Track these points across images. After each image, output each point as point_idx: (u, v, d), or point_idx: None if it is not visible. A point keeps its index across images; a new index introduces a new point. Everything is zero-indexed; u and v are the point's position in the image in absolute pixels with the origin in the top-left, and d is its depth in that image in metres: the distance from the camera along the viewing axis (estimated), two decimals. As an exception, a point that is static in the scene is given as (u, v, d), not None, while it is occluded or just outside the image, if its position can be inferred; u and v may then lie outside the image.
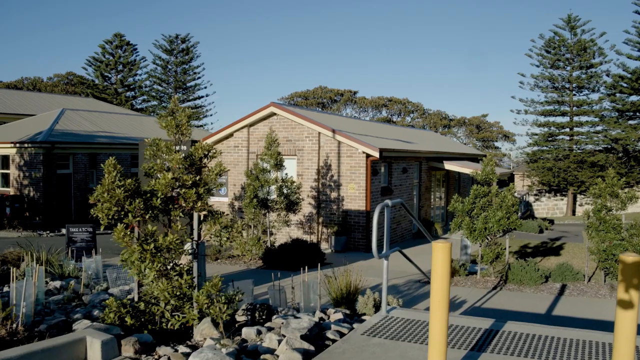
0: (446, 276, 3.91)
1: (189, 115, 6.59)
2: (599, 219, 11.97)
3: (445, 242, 3.94)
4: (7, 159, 25.80)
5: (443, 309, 3.93)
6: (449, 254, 3.92)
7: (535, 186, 37.72)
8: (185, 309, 6.14)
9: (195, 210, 6.22)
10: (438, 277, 3.89)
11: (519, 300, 10.94)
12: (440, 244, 3.89)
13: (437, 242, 3.90)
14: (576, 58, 35.30)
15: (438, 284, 3.91)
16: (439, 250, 3.88)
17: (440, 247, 3.89)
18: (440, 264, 3.90)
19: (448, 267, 3.91)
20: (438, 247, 3.87)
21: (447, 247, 3.89)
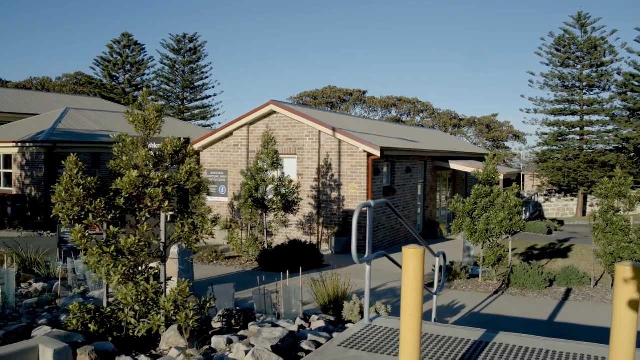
0: (418, 287, 3.46)
1: (159, 110, 6.17)
2: (606, 221, 11.43)
3: (418, 247, 3.49)
4: (9, 158, 25.60)
5: (414, 323, 3.48)
6: (421, 261, 3.47)
7: (545, 186, 37.04)
8: (151, 315, 5.73)
9: (162, 210, 5.80)
10: (409, 288, 3.45)
11: (520, 305, 10.44)
12: (412, 249, 3.44)
13: (409, 248, 3.45)
14: (586, 56, 34.58)
15: (409, 296, 3.46)
16: (410, 257, 3.43)
17: (411, 254, 3.44)
18: (412, 272, 3.45)
19: (420, 277, 3.46)
20: (409, 253, 3.43)
21: (418, 254, 3.44)
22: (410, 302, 3.46)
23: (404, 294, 3.51)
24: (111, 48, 53.98)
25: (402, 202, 20.10)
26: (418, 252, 3.45)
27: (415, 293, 3.45)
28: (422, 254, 3.47)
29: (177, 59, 53.47)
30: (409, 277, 3.44)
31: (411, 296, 3.45)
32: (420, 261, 3.46)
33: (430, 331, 5.63)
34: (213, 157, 19.94)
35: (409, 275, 3.44)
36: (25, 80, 63.22)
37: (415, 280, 3.45)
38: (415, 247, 3.47)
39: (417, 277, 3.45)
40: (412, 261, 3.44)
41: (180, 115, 52.92)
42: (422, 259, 3.47)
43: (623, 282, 3.18)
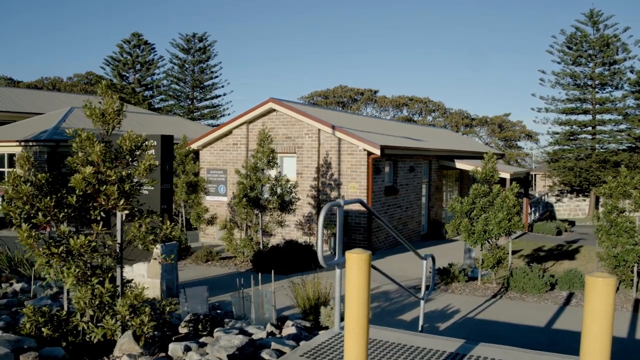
0: (363, 297, 3.06)
1: (122, 103, 5.82)
2: (610, 222, 10.91)
3: (364, 252, 3.08)
4: (13, 157, 25.50)
5: (359, 337, 3.07)
6: (367, 267, 3.06)
7: (557, 186, 36.33)
8: (105, 320, 5.37)
9: (117, 209, 5.43)
10: (352, 299, 3.04)
11: (518, 310, 9.96)
12: (356, 254, 3.04)
13: (352, 253, 3.05)
14: (599, 54, 33.82)
15: (352, 307, 3.05)
16: (354, 264, 3.03)
17: (354, 260, 3.03)
18: (355, 280, 3.04)
19: (365, 285, 3.06)
20: (352, 258, 3.02)
21: (363, 259, 3.04)
22: (353, 315, 3.06)
23: (347, 305, 3.11)
24: (121, 48, 53.93)
25: (405, 202, 19.64)
26: (362, 258, 3.04)
27: (359, 304, 3.04)
28: (367, 260, 3.06)
29: (187, 58, 53.33)
30: (352, 285, 3.04)
31: (354, 307, 3.05)
32: (365, 267, 3.05)
33: (404, 341, 5.21)
34: (213, 156, 19.61)
35: (352, 283, 3.03)
36: (37, 80, 63.49)
37: (359, 289, 3.04)
38: (360, 252, 3.07)
39: (362, 286, 3.05)
40: (355, 268, 3.04)
41: (190, 114, 52.78)
42: (367, 265, 3.07)
43: (593, 295, 2.76)
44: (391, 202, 18.54)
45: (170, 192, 10.18)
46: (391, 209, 18.54)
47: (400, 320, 9.07)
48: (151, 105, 53.95)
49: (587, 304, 2.87)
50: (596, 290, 2.79)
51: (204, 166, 19.76)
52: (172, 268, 10.13)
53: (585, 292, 2.86)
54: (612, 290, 2.79)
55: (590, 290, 2.80)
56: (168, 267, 10.05)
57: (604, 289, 2.78)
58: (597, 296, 2.78)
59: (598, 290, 2.79)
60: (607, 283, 2.78)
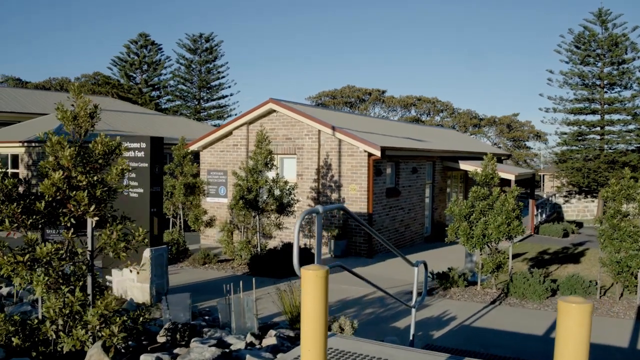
0: (320, 318, 2.81)
1: (96, 105, 5.61)
2: (613, 226, 10.58)
3: (321, 268, 2.84)
4: (16, 158, 25.45)
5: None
6: (324, 285, 2.82)
7: (565, 187, 35.85)
8: (75, 330, 5.16)
9: (88, 215, 5.22)
10: (308, 320, 2.80)
11: (517, 318, 9.68)
12: (311, 271, 2.79)
13: (308, 269, 2.81)
14: (607, 54, 33.32)
15: (308, 328, 2.81)
16: (309, 281, 2.79)
17: (310, 277, 2.79)
18: (311, 300, 2.80)
19: (322, 305, 2.82)
20: (307, 276, 2.78)
21: (320, 276, 2.79)
22: (308, 337, 2.82)
23: (302, 326, 2.87)
24: (128, 48, 53.92)
25: (407, 204, 19.36)
26: (319, 275, 2.80)
27: (315, 324, 2.80)
28: (324, 277, 2.82)
29: (194, 58, 53.24)
30: (307, 306, 2.80)
31: (310, 329, 2.81)
32: (322, 285, 2.81)
33: (385, 355, 4.96)
34: (213, 157, 19.42)
35: (307, 304, 2.79)
36: (45, 81, 63.64)
37: (315, 310, 2.80)
38: (316, 268, 2.82)
39: (318, 306, 2.81)
40: (310, 286, 2.80)
41: (197, 115, 52.69)
42: (324, 282, 2.82)
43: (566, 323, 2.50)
44: (393, 204, 18.27)
45: (160, 195, 9.98)
46: (393, 210, 18.27)
47: (394, 328, 8.82)
48: (158, 106, 53.92)
49: (559, 332, 2.61)
50: (570, 317, 2.53)
51: (205, 167, 19.58)
52: (162, 272, 9.94)
53: (557, 318, 2.60)
54: (587, 318, 2.53)
55: (563, 316, 2.54)
56: (158, 271, 9.86)
57: (579, 316, 2.52)
58: (570, 324, 2.52)
59: (572, 317, 2.53)
60: (582, 310, 2.52)
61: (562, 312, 2.52)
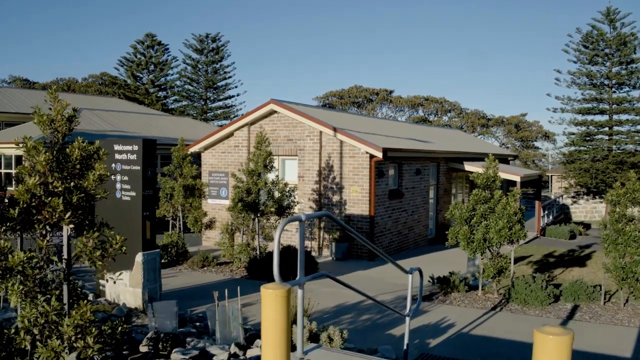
0: (282, 337, 2.60)
1: (75, 109, 5.43)
2: (617, 231, 10.29)
3: (282, 287, 2.63)
4: (20, 159, 25.42)
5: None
6: (285, 304, 2.61)
7: (573, 188, 35.40)
8: (50, 340, 4.98)
9: (63, 222, 5.04)
10: (269, 340, 2.59)
11: (517, 325, 9.42)
12: (271, 290, 2.59)
13: (268, 288, 2.60)
14: (616, 53, 32.85)
15: (269, 349, 2.60)
16: (270, 301, 2.58)
17: (270, 296, 2.58)
18: (271, 320, 2.59)
19: (283, 325, 2.61)
20: (268, 295, 2.57)
21: (280, 296, 2.59)
22: (269, 358, 2.60)
23: (263, 346, 2.66)
24: (135, 48, 53.90)
25: (411, 206, 19.10)
26: (279, 294, 2.59)
27: (276, 344, 2.59)
28: (284, 296, 2.61)
29: (200, 58, 53.16)
30: (268, 325, 2.59)
31: (270, 349, 2.59)
32: (283, 305, 2.60)
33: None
34: (214, 158, 19.25)
35: (268, 323, 2.59)
36: (52, 81, 63.75)
37: (275, 329, 2.59)
38: (276, 287, 2.62)
39: (279, 325, 2.60)
40: (270, 306, 2.59)
41: (203, 115, 52.61)
42: (285, 302, 2.61)
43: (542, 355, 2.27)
44: (396, 205, 18.02)
45: (153, 198, 9.80)
46: (396, 213, 18.02)
47: (390, 335, 8.60)
48: (165, 106, 53.87)
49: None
50: (546, 350, 2.30)
51: (206, 169, 19.42)
52: (154, 277, 9.76)
53: (533, 350, 2.37)
54: (566, 351, 2.30)
55: (539, 349, 2.31)
56: (151, 275, 9.68)
57: (556, 350, 2.29)
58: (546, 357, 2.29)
59: (548, 350, 2.30)
60: (560, 342, 2.30)
61: (538, 344, 2.30)
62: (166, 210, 16.23)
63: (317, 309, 9.72)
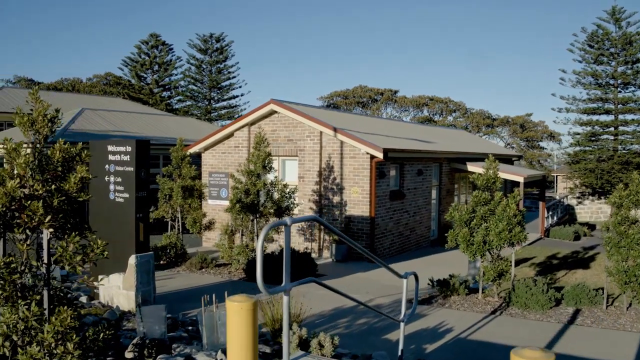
0: (249, 351, 2.44)
1: (57, 110, 5.29)
2: (620, 234, 10.08)
3: (247, 299, 2.47)
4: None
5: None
6: (252, 317, 2.45)
7: (578, 188, 35.09)
8: (30, 347, 4.84)
9: (43, 226, 4.89)
10: (234, 355, 2.43)
11: (516, 330, 9.23)
12: (236, 302, 2.44)
13: (233, 301, 2.44)
14: (621, 52, 32.52)
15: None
16: (235, 313, 2.42)
17: (235, 309, 2.43)
18: (237, 333, 2.43)
19: (250, 337, 2.45)
20: (233, 308, 2.42)
21: (246, 308, 2.43)
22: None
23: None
24: (139, 48, 53.87)
25: (412, 207, 18.92)
26: (244, 307, 2.44)
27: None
28: (251, 309, 2.46)
29: (204, 58, 53.08)
30: (234, 339, 2.43)
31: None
32: (249, 318, 2.45)
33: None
34: (214, 159, 19.12)
35: (233, 337, 2.42)
36: (56, 81, 63.82)
37: (241, 343, 2.43)
38: (243, 299, 2.46)
39: (245, 339, 2.44)
40: (235, 319, 2.43)
41: (207, 115, 52.54)
42: (251, 314, 2.46)
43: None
44: (397, 207, 17.83)
45: (147, 200, 9.66)
46: (397, 214, 17.84)
47: (385, 340, 8.43)
48: (169, 106, 53.83)
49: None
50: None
51: (206, 169, 19.30)
52: (148, 279, 9.62)
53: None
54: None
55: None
56: (144, 278, 9.54)
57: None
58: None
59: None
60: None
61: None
62: (165, 211, 16.10)
63: (314, 313, 9.57)
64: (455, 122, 67.93)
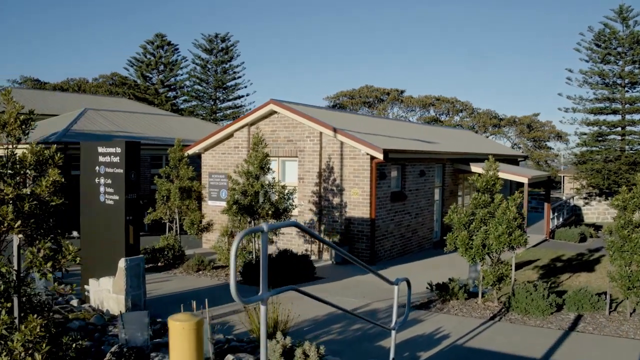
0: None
1: (31, 111, 5.10)
2: (623, 238, 9.79)
3: (191, 318, 2.25)
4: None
5: None
6: (195, 336, 2.23)
7: (585, 189, 34.69)
8: (1, 356, 4.65)
9: (12, 232, 4.70)
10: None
11: (516, 336, 8.96)
12: (178, 322, 2.21)
13: (175, 319, 2.22)
14: (629, 52, 32.12)
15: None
16: (177, 333, 2.20)
17: (177, 329, 2.20)
18: (180, 354, 2.21)
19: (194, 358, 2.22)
20: (175, 327, 2.19)
21: (189, 328, 2.21)
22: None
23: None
24: (145, 49, 53.81)
25: (414, 209, 18.65)
26: (187, 327, 2.22)
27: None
28: (193, 329, 2.24)
29: (210, 58, 53.00)
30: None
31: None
32: (191, 338, 2.23)
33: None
34: (214, 159, 18.94)
35: (175, 357, 2.20)
36: (63, 82, 63.93)
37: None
38: (185, 318, 2.24)
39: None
40: (178, 339, 2.21)
41: (213, 115, 52.43)
42: (194, 334, 2.24)
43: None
44: (398, 208, 17.58)
45: (137, 202, 9.47)
46: (398, 215, 17.58)
47: (379, 347, 8.19)
48: (175, 106, 53.75)
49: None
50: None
51: (206, 170, 19.12)
52: (138, 283, 9.43)
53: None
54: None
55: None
56: (134, 282, 9.35)
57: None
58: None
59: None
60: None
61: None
62: (162, 212, 15.92)
63: (307, 318, 9.36)
64: (462, 122, 67.56)
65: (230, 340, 7.61)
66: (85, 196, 9.93)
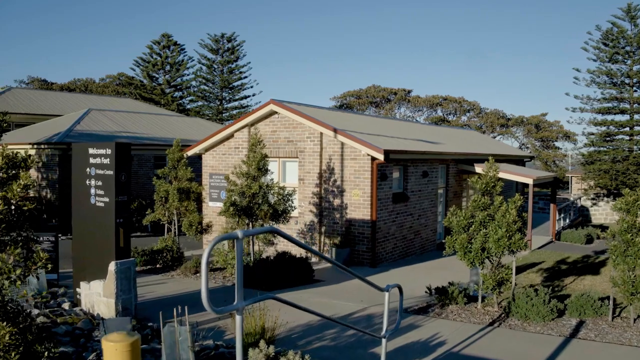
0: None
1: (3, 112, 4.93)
2: (626, 242, 9.52)
3: (125, 338, 2.05)
4: (26, 159, 25.20)
5: None
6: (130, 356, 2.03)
7: (592, 189, 34.25)
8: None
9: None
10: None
11: (515, 343, 8.71)
12: (111, 343, 2.02)
13: (109, 340, 2.02)
14: (637, 51, 31.65)
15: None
16: (111, 354, 2.00)
17: (110, 350, 2.01)
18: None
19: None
20: (109, 348, 2.00)
21: (122, 350, 2.02)
22: None
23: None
24: (151, 49, 53.74)
25: (417, 210, 18.41)
26: (120, 348, 2.03)
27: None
28: (128, 350, 2.05)
29: (216, 58, 52.87)
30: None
31: None
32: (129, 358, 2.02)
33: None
34: (215, 160, 18.77)
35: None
36: (69, 82, 64.09)
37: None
38: (119, 338, 2.05)
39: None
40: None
41: (219, 115, 52.31)
42: (129, 355, 2.04)
43: None
44: (400, 209, 17.33)
45: (127, 204, 9.29)
46: (400, 217, 17.33)
47: (373, 354, 7.97)
48: (181, 106, 53.68)
49: None
50: None
51: (207, 171, 18.96)
52: (129, 287, 9.26)
53: None
54: None
55: None
56: (125, 285, 9.18)
57: None
58: None
59: None
60: None
61: None
62: (161, 214, 15.76)
63: (300, 323, 9.15)
64: (470, 122, 67.16)
65: (219, 346, 7.42)
66: (77, 198, 9.77)
